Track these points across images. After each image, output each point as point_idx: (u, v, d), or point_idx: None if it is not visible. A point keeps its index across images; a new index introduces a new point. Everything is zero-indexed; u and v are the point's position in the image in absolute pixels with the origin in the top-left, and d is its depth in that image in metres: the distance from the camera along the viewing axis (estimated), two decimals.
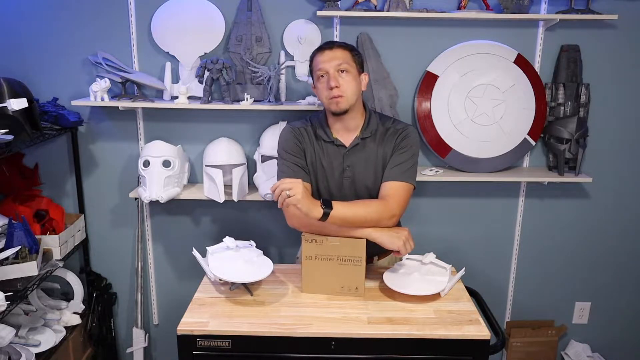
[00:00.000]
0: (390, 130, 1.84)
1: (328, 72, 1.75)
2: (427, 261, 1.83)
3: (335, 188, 1.84)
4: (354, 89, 1.77)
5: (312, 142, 1.85)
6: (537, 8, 2.34)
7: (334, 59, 1.75)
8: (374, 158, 1.82)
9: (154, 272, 2.62)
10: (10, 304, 1.87)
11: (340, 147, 1.83)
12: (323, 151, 1.84)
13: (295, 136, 1.85)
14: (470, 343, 1.52)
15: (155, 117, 2.42)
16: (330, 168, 1.84)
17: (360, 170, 1.82)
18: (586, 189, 2.55)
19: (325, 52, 1.77)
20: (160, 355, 2.74)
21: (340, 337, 1.53)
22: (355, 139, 1.82)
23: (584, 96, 2.39)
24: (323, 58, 1.76)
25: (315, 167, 1.85)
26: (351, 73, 1.76)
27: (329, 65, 1.75)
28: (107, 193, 2.51)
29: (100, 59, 2.29)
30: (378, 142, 1.83)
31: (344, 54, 1.77)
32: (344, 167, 1.83)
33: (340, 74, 1.75)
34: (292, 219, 1.77)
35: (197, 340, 1.53)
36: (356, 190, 1.84)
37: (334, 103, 1.76)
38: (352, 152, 1.82)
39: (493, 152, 2.39)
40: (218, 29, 2.29)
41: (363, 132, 1.82)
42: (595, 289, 2.69)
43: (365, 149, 1.82)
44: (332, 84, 1.74)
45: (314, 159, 1.85)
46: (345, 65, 1.75)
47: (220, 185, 2.26)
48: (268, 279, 1.74)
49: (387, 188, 1.78)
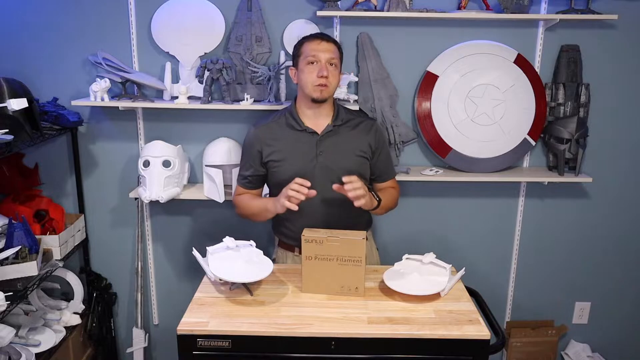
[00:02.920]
0: (363, 124, 1.99)
1: (320, 61, 1.85)
2: (427, 261, 1.83)
3: (307, 173, 1.88)
4: (336, 83, 1.92)
5: (283, 132, 1.95)
6: (537, 8, 2.34)
7: (328, 51, 1.87)
8: (346, 144, 1.94)
9: (154, 272, 2.62)
10: (10, 304, 1.87)
11: (313, 134, 1.93)
12: (295, 139, 1.93)
13: (250, 144, 1.98)
14: (470, 343, 1.52)
15: (155, 117, 2.42)
16: (302, 154, 1.92)
17: (334, 155, 1.92)
18: (586, 189, 2.55)
19: (321, 42, 1.88)
20: (160, 355, 2.74)
21: (340, 337, 1.53)
22: (328, 126, 1.93)
23: (584, 96, 2.39)
24: (318, 47, 1.87)
25: (286, 155, 1.93)
26: (337, 68, 1.91)
27: (322, 55, 1.86)
28: (107, 193, 2.51)
29: (100, 59, 2.29)
30: (350, 130, 1.96)
31: (336, 49, 1.90)
32: (317, 153, 1.91)
33: (329, 66, 1.86)
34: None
35: (197, 340, 1.53)
36: (329, 175, 1.89)
37: (319, 90, 1.87)
38: (325, 138, 1.93)
39: (493, 152, 2.39)
40: (218, 29, 2.29)
41: (334, 120, 1.94)
42: (595, 289, 2.69)
43: (337, 136, 1.94)
44: (324, 73, 1.85)
45: (284, 148, 1.94)
46: (335, 60, 1.88)
47: (220, 185, 2.26)
48: (268, 279, 1.74)
49: (391, 182, 2.08)
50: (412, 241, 2.56)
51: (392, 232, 2.53)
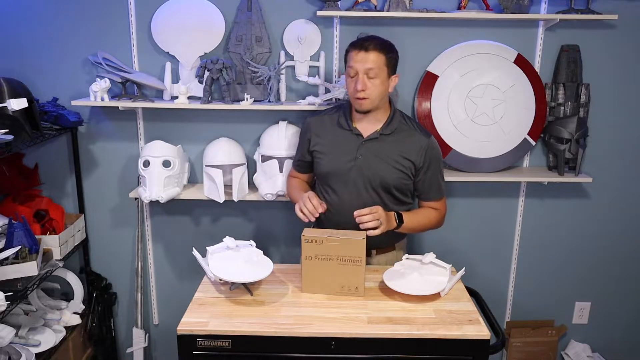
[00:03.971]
0: (415, 138, 1.92)
1: (358, 72, 1.80)
2: (427, 261, 1.83)
3: (343, 173, 1.91)
4: (380, 93, 1.84)
5: (333, 128, 1.96)
6: (537, 8, 2.34)
7: (366, 62, 1.79)
8: (388, 154, 1.90)
9: (154, 272, 2.62)
10: (10, 304, 1.87)
11: (358, 136, 1.92)
12: (341, 137, 1.94)
13: (304, 131, 2.04)
14: (470, 343, 1.53)
15: (155, 117, 2.42)
16: (342, 154, 1.92)
17: (372, 161, 1.90)
18: (586, 189, 2.55)
19: (360, 52, 1.81)
20: (160, 355, 2.74)
21: (340, 337, 1.53)
22: (375, 132, 1.91)
23: (584, 96, 2.39)
24: (356, 57, 1.81)
25: (329, 150, 1.95)
26: (380, 77, 1.81)
27: (360, 66, 1.80)
28: (107, 193, 2.51)
29: (100, 59, 2.29)
30: (397, 140, 1.91)
31: (378, 57, 1.80)
32: (357, 156, 1.90)
33: (368, 78, 1.80)
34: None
35: (197, 340, 1.53)
36: (363, 179, 1.90)
37: (358, 103, 1.85)
38: (369, 143, 1.91)
39: (493, 152, 2.39)
40: (218, 29, 2.29)
41: (384, 128, 1.90)
42: (595, 289, 2.69)
43: (382, 144, 1.90)
44: (358, 86, 1.80)
45: (329, 142, 1.95)
46: (375, 70, 1.80)
47: (220, 185, 2.26)
48: (268, 279, 1.74)
49: (434, 203, 2.01)
50: (412, 241, 2.56)
51: None
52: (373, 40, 1.83)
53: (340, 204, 1.92)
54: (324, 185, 1.99)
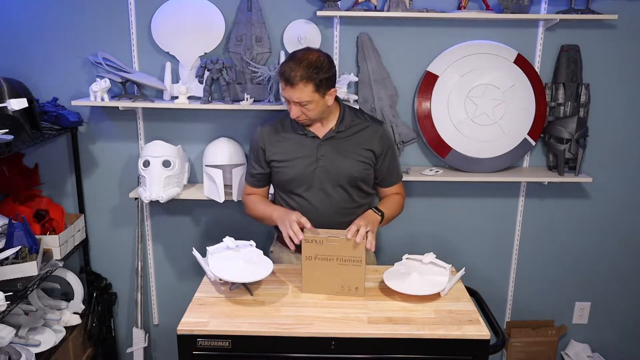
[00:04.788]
0: (369, 129, 1.93)
1: (291, 101, 1.80)
2: (427, 261, 1.83)
3: (307, 177, 1.90)
4: (318, 112, 1.83)
5: (286, 134, 1.94)
6: (537, 8, 2.34)
7: (294, 95, 1.77)
8: (348, 150, 1.91)
9: (154, 272, 2.62)
10: (10, 304, 1.87)
11: (314, 138, 1.91)
12: (297, 142, 1.93)
13: (255, 144, 1.98)
14: (470, 343, 1.53)
15: (155, 117, 2.42)
16: (303, 158, 1.91)
17: (335, 159, 1.90)
18: (586, 189, 2.55)
19: (286, 87, 1.76)
20: (160, 355, 2.74)
21: (340, 337, 1.53)
22: (330, 131, 1.91)
23: (584, 96, 2.39)
24: (285, 89, 1.79)
25: (288, 157, 1.92)
26: (313, 102, 1.78)
27: (289, 97, 1.79)
28: (107, 193, 2.51)
29: (100, 59, 2.29)
30: (353, 135, 1.92)
31: (305, 87, 1.74)
32: (318, 157, 1.90)
33: (301, 106, 1.79)
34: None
35: (197, 340, 1.53)
36: (329, 179, 1.90)
37: (300, 122, 1.87)
38: (326, 143, 1.91)
39: (493, 152, 2.39)
40: (218, 29, 2.29)
41: (338, 126, 1.91)
42: (595, 289, 2.69)
43: (340, 141, 1.91)
44: (292, 115, 1.83)
45: (286, 149, 1.93)
46: (305, 100, 1.77)
47: (220, 185, 2.26)
48: (268, 279, 1.74)
49: (395, 188, 2.04)
50: (412, 241, 2.56)
51: (392, 232, 2.53)
52: (298, 69, 1.72)
53: (312, 208, 1.90)
54: (287, 193, 1.96)
